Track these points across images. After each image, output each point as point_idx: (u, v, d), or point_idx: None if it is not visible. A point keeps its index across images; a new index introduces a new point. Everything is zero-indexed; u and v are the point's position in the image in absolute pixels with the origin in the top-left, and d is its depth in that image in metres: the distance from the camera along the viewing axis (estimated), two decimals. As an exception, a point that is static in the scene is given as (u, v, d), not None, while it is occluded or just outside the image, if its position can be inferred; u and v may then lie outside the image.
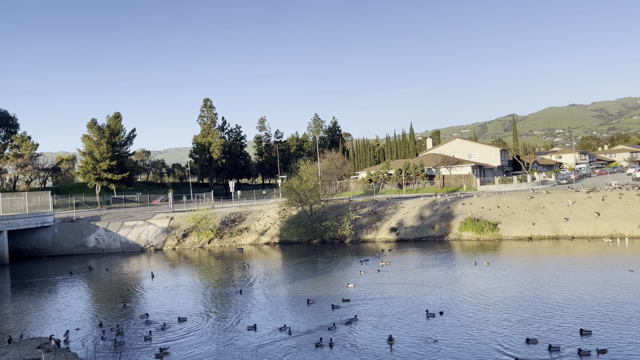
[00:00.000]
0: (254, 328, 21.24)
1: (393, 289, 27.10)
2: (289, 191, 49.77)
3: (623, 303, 21.62)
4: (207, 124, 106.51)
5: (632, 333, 17.95)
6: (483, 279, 28.05)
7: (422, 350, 17.70)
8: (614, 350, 16.42)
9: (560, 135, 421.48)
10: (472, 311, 21.94)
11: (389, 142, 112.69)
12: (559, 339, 17.78)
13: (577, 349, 16.61)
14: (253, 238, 50.18)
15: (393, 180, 79.30)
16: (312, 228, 47.71)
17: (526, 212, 44.61)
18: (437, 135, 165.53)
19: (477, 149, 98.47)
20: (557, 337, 17.99)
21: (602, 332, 18.28)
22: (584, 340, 17.50)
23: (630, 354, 16.16)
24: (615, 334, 18.01)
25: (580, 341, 17.50)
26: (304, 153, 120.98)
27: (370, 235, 47.46)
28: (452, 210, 47.43)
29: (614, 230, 40.15)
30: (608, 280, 25.81)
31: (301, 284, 30.12)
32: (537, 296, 23.62)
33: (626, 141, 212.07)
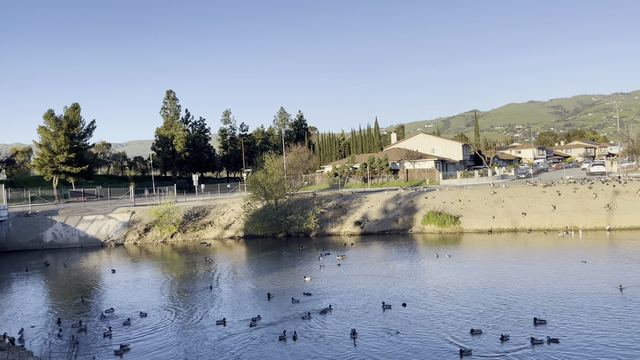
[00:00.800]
0: (223, 322, 21.08)
1: (355, 282, 27.36)
2: (254, 185, 49.44)
3: (576, 293, 22.49)
4: (170, 116, 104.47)
5: (583, 322, 18.69)
6: (445, 271, 28.66)
7: (384, 341, 17.96)
8: (565, 339, 17.04)
9: (520, 131, 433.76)
10: (434, 303, 22.39)
11: (355, 137, 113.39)
12: (513, 329, 18.35)
13: (529, 337, 17.17)
14: (217, 232, 49.66)
15: (358, 174, 79.88)
16: (277, 222, 47.59)
17: (487, 206, 45.76)
18: (402, 130, 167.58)
19: (440, 144, 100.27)
20: (512, 327, 18.56)
21: (555, 321, 18.96)
22: (538, 330, 18.11)
23: (581, 342, 16.83)
24: (567, 323, 18.72)
25: (534, 330, 18.10)
26: (270, 147, 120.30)
27: (335, 229, 47.71)
28: (415, 204, 48.19)
29: (568, 223, 41.68)
30: (563, 272, 26.79)
31: (264, 278, 30.04)
32: (496, 287, 24.30)
33: (581, 137, 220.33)
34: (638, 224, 39.85)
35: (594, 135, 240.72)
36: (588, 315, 19.35)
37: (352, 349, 17.40)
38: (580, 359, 15.53)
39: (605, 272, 26.03)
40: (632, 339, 16.79)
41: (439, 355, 16.42)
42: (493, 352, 16.35)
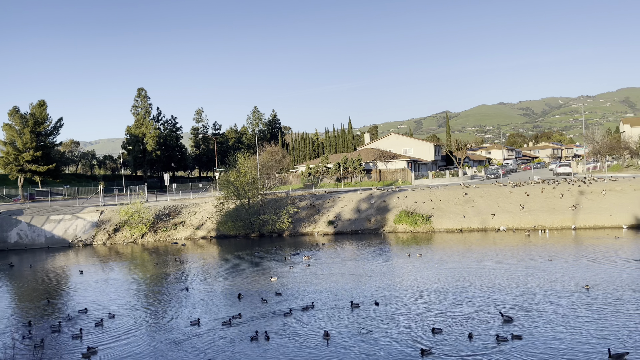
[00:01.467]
0: (197, 323, 20.87)
1: (326, 281, 27.42)
2: (227, 184, 49.04)
3: (542, 291, 23.05)
4: (141, 114, 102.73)
5: (548, 320, 19.16)
6: (416, 271, 29.00)
7: (356, 341, 18.05)
8: (529, 336, 17.41)
9: (490, 132, 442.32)
10: (405, 302, 22.62)
11: (328, 136, 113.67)
12: (480, 327, 18.67)
13: (494, 335, 17.50)
14: (189, 232, 49.08)
15: (332, 174, 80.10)
16: (250, 222, 47.33)
17: (457, 206, 46.49)
18: (375, 130, 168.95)
19: (412, 144, 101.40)
20: (479, 325, 18.90)
21: (522, 319, 19.39)
22: (505, 327, 18.47)
23: (544, 339, 17.21)
24: (533, 320, 19.16)
25: (501, 328, 18.46)
26: (243, 146, 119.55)
27: (309, 229, 47.74)
28: (388, 204, 48.61)
29: (536, 222, 42.70)
30: (530, 270, 27.42)
31: (236, 278, 29.84)
32: (466, 286, 24.71)
33: (549, 139, 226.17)
34: (602, 223, 41.09)
35: (561, 136, 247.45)
36: (552, 313, 19.84)
37: (324, 349, 17.44)
38: (542, 356, 15.88)
39: (570, 271, 26.77)
40: (594, 336, 17.29)
41: (407, 355, 16.59)
42: (457, 350, 16.57)
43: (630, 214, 41.02)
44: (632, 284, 23.30)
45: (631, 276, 24.75)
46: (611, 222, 40.88)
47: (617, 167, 72.65)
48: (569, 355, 15.69)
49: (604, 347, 15.72)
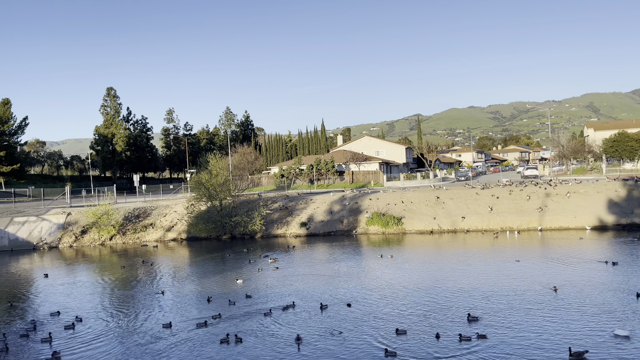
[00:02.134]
0: (169, 326, 20.59)
1: (298, 283, 27.40)
2: (198, 186, 48.48)
3: (510, 292, 23.55)
4: (110, 114, 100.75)
5: (514, 319, 19.59)
6: (387, 272, 29.26)
7: (327, 343, 18.10)
8: (493, 335, 17.73)
9: (461, 135, 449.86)
10: (377, 303, 22.79)
11: (301, 138, 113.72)
12: (447, 327, 18.92)
13: (458, 334, 17.81)
14: (159, 234, 48.33)
15: (305, 175, 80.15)
16: (222, 223, 46.91)
17: (428, 207, 47.13)
18: (348, 132, 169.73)
19: (384, 147, 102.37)
20: (446, 325, 19.18)
21: (489, 319, 19.77)
22: (471, 327, 18.74)
23: (509, 338, 17.58)
24: (499, 320, 19.54)
25: (467, 327, 18.72)
26: (215, 147, 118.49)
27: (281, 230, 47.62)
28: (360, 205, 48.92)
29: (504, 224, 43.63)
30: (498, 271, 28.00)
31: (206, 280, 29.54)
32: (436, 287, 25.06)
33: (517, 142, 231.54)
34: (567, 225, 42.28)
35: (528, 140, 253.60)
36: (518, 313, 20.26)
37: (295, 351, 17.42)
38: (505, 354, 16.20)
39: (537, 271, 27.44)
40: (558, 335, 17.76)
41: (373, 356, 16.73)
42: (421, 351, 16.76)
43: (593, 216, 42.33)
44: (597, 284, 24.02)
45: (596, 277, 25.52)
46: (575, 224, 42.10)
47: (581, 170, 74.88)
48: (531, 354, 16.06)
49: (567, 346, 16.15)
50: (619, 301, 20.96)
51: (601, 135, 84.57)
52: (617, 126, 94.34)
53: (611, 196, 43.87)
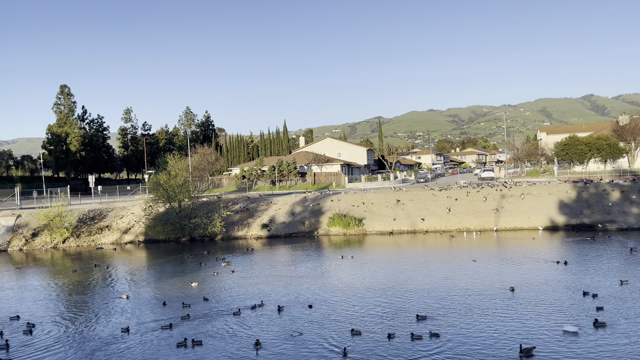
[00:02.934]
0: (127, 330, 20.03)
1: (257, 285, 27.20)
2: (156, 187, 47.41)
3: (465, 291, 24.10)
4: (64, 112, 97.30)
5: (468, 318, 20.05)
6: (347, 272, 29.42)
7: (287, 345, 18.02)
8: (446, 334, 18.03)
9: (420, 138, 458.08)
10: (337, 304, 22.87)
11: (263, 139, 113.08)
12: (402, 326, 19.15)
13: (409, 333, 18.04)
14: (115, 237, 46.98)
15: (266, 176, 79.71)
16: (181, 225, 46.04)
17: (388, 208, 47.71)
18: (310, 133, 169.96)
19: (346, 148, 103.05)
20: (402, 324, 19.44)
21: (443, 317, 20.16)
22: (423, 326, 19.00)
23: (462, 336, 17.97)
24: (453, 319, 19.95)
25: (418, 327, 18.96)
26: (175, 147, 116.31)
27: (242, 232, 47.17)
28: (322, 207, 49.04)
29: (461, 224, 44.65)
30: (455, 271, 28.60)
31: (163, 283, 28.91)
32: (394, 287, 25.36)
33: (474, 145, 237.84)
34: (520, 225, 43.67)
35: (485, 143, 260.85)
36: (472, 312, 20.74)
37: (253, 355, 17.25)
38: (457, 352, 16.54)
39: (492, 271, 28.21)
40: (510, 333, 18.29)
41: (333, 356, 16.78)
42: (375, 350, 16.92)
43: (545, 217, 43.90)
44: (548, 283, 24.88)
45: (548, 276, 26.44)
46: (529, 224, 43.53)
47: (535, 173, 77.55)
48: (483, 351, 16.47)
49: (518, 343, 16.63)
50: (569, 299, 21.79)
51: (553, 139, 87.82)
52: (568, 130, 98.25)
53: (562, 197, 45.62)
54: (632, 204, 43.31)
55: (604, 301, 21.00)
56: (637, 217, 42.08)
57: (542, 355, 15.84)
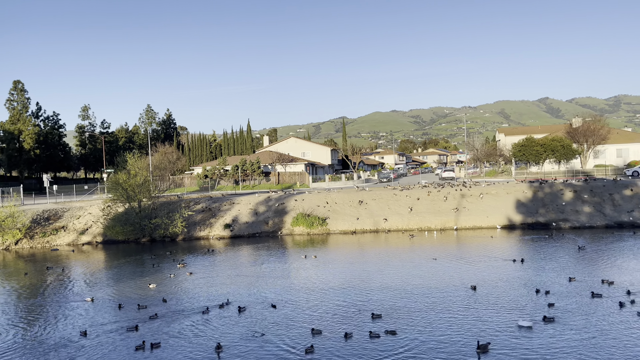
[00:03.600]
0: (84, 334, 19.46)
1: (218, 286, 26.90)
2: (115, 186, 46.19)
3: (425, 289, 24.51)
4: (17, 109, 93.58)
5: (428, 316, 20.41)
6: (310, 272, 29.45)
7: (249, 345, 17.88)
8: (404, 332, 18.30)
9: (384, 138, 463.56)
10: (299, 303, 22.85)
11: (226, 138, 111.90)
12: (362, 325, 19.30)
13: (368, 331, 18.24)
14: (71, 238, 45.50)
15: (229, 176, 78.92)
16: (141, 226, 45.02)
17: (352, 208, 48.04)
18: (274, 133, 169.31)
19: (310, 148, 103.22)
20: (362, 323, 19.60)
21: (402, 315, 20.43)
22: (382, 324, 19.21)
23: (420, 334, 18.26)
24: (413, 317, 20.24)
25: (376, 325, 19.16)
26: (135, 146, 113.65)
27: (204, 232, 46.52)
28: (286, 206, 48.92)
29: (423, 224, 45.42)
30: (416, 269, 29.06)
31: (121, 285, 28.22)
32: (356, 286, 25.54)
33: (435, 145, 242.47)
34: (479, 224, 44.76)
35: (446, 143, 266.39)
36: (432, 310, 21.11)
37: (213, 356, 17.04)
38: (413, 348, 16.82)
39: (451, 269, 28.80)
40: (468, 330, 18.73)
41: (294, 356, 16.78)
42: (333, 349, 17.04)
43: (503, 216, 45.17)
44: (506, 281, 25.59)
45: (505, 274, 27.20)
46: (487, 223, 44.68)
47: (493, 173, 79.74)
48: (441, 347, 16.78)
49: (476, 340, 17.06)
50: (524, 296, 22.47)
51: (511, 140, 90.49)
52: (525, 132, 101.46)
53: (519, 197, 47.06)
54: (584, 203, 45.11)
55: (555, 298, 21.77)
56: (589, 215, 43.87)
57: (498, 350, 16.29)
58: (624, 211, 43.46)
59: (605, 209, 44.14)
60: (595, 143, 69.52)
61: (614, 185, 47.20)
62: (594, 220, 43.21)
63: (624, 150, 75.46)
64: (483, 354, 15.96)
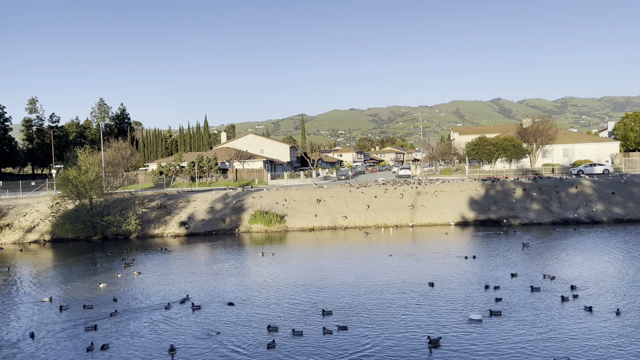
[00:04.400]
0: (32, 336, 18.74)
1: (175, 285, 26.43)
2: (65, 183, 44.53)
3: (379, 285, 24.88)
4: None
5: (381, 312, 20.74)
6: (267, 269, 29.34)
7: (204, 344, 17.66)
8: (358, 328, 18.54)
9: (342, 136, 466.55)
10: (254, 301, 22.73)
11: (183, 134, 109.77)
12: (316, 321, 19.45)
13: (321, 327, 18.42)
14: (17, 236, 43.57)
15: (186, 173, 77.48)
16: (92, 223, 43.58)
17: (310, 205, 48.16)
18: (232, 129, 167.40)
19: (269, 145, 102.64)
20: (317, 319, 19.74)
21: (355, 312, 20.67)
22: (335, 320, 19.37)
23: (373, 329, 18.56)
24: (366, 313, 20.49)
25: (329, 321, 19.34)
26: (86, 141, 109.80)
27: (159, 230, 45.54)
28: (244, 204, 48.51)
29: (379, 220, 46.07)
30: (371, 266, 29.42)
31: (69, 285, 27.28)
32: (312, 283, 25.63)
33: (393, 144, 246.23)
34: (434, 221, 45.81)
35: (403, 142, 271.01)
36: (386, 305, 21.47)
37: (164, 356, 16.74)
38: (365, 344, 17.06)
39: (406, 265, 29.35)
40: (420, 325, 19.16)
41: (257, 352, 16.71)
42: (289, 345, 17.12)
43: (457, 213, 46.39)
44: (458, 276, 26.31)
45: (457, 270, 27.95)
46: (442, 220, 45.79)
47: (448, 171, 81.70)
48: (394, 343, 17.05)
49: (426, 335, 17.45)
50: (475, 291, 23.17)
51: (465, 139, 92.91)
52: (478, 131, 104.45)
53: (472, 194, 48.45)
54: (533, 201, 46.93)
55: (502, 293, 22.50)
56: (537, 212, 45.67)
57: (449, 343, 16.73)
58: (570, 208, 45.50)
59: (553, 206, 46.07)
60: (543, 143, 72.34)
61: (560, 183, 49.32)
62: (542, 217, 45.02)
63: (570, 150, 78.92)
64: (434, 348, 16.34)
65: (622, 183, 48.29)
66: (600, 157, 77.18)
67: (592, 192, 47.05)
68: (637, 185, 47.39)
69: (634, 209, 44.67)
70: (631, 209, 44.66)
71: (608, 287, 22.90)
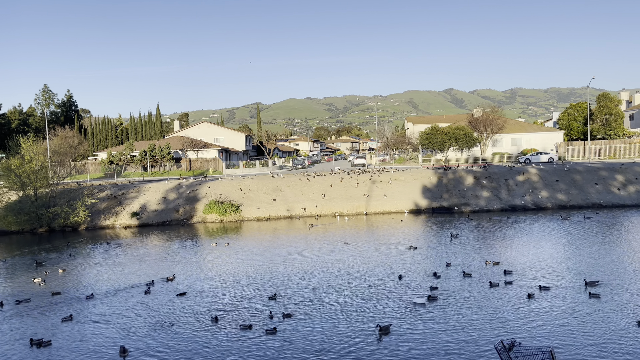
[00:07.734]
0: None
1: (122, 276, 25.79)
2: (7, 172, 42.49)
3: (330, 274, 25.11)
4: None
5: (331, 300, 20.97)
6: (221, 260, 29.04)
7: (157, 336, 17.34)
8: (304, 316, 18.65)
9: (299, 125, 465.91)
10: (206, 291, 22.49)
11: (134, 122, 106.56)
12: (265, 309, 19.53)
13: (269, 317, 18.51)
14: (-45, 229, 41.22)
15: (137, 162, 75.40)
16: (37, 215, 41.79)
17: (266, 194, 47.93)
18: (186, 117, 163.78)
19: (224, 134, 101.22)
20: (266, 308, 19.79)
21: (304, 300, 20.85)
22: (282, 307, 19.52)
23: (322, 318, 18.74)
24: (315, 303, 20.62)
25: (276, 308, 19.53)
26: (30, 129, 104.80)
27: (109, 221, 44.19)
28: (198, 193, 47.73)
29: (336, 209, 46.42)
30: (327, 254, 29.64)
31: (8, 280, 26.14)
32: (266, 273, 25.56)
33: (349, 133, 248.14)
34: (389, 209, 46.59)
35: (358, 131, 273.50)
36: (339, 295, 21.70)
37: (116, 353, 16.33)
38: (314, 331, 17.24)
39: (360, 253, 29.74)
40: (371, 313, 19.50)
41: (217, 345, 16.57)
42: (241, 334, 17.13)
43: (410, 201, 47.35)
44: (404, 265, 26.88)
45: (404, 258, 28.57)
46: (396, 208, 46.62)
47: (402, 160, 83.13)
48: (343, 332, 17.13)
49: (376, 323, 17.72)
50: (421, 278, 23.65)
51: (418, 129, 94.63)
52: (431, 121, 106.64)
53: (425, 183, 49.53)
54: (483, 188, 48.48)
55: (440, 281, 22.88)
56: (486, 199, 47.23)
57: (398, 329, 17.06)
58: (518, 195, 47.31)
59: (501, 193, 47.76)
60: (493, 132, 74.72)
61: (509, 171, 51.15)
62: (491, 204, 46.61)
63: (517, 139, 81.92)
64: (385, 336, 16.55)
65: (566, 171, 50.60)
66: (546, 146, 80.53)
67: (538, 179, 49.07)
68: (579, 173, 49.80)
69: (576, 195, 46.94)
70: (573, 196, 46.90)
71: (545, 269, 23.97)
